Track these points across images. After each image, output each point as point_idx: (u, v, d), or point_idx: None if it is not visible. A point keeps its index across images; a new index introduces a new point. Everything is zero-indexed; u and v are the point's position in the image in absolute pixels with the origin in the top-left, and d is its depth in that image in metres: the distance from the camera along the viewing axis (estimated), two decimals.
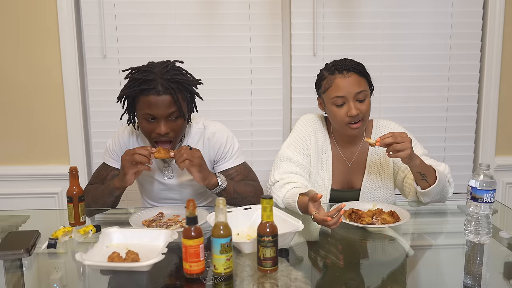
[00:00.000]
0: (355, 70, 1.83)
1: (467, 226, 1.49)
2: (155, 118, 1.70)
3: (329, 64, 1.91)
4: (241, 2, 2.59)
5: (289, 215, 1.54)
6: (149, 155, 1.65)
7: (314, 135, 1.97)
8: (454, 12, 2.66)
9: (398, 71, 2.70)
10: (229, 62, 2.65)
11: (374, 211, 1.67)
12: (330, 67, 1.88)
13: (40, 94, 2.61)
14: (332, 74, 1.85)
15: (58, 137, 2.65)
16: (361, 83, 1.84)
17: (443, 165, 1.88)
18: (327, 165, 1.96)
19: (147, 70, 1.71)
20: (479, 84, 2.75)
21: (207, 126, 1.92)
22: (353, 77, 1.82)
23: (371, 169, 1.95)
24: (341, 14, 2.63)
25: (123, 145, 1.90)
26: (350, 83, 1.81)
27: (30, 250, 1.40)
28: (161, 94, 1.66)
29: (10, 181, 2.66)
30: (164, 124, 1.70)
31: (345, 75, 1.82)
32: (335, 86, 1.82)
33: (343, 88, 1.81)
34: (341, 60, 1.89)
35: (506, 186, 2.82)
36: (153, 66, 1.73)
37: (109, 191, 1.77)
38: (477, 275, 1.34)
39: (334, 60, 1.91)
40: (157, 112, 1.68)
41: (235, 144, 1.93)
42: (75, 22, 2.55)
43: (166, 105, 1.68)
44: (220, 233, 1.23)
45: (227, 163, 1.90)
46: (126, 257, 1.30)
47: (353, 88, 1.81)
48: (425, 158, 1.86)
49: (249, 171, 1.95)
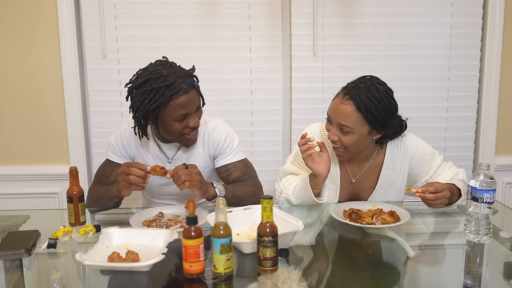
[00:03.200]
0: (355, 102, 1.68)
1: (467, 226, 1.49)
2: (188, 115, 1.73)
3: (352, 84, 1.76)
4: (241, 2, 2.59)
5: (289, 215, 1.54)
6: (144, 176, 1.61)
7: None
8: (454, 12, 2.66)
9: (398, 71, 2.70)
10: (229, 62, 2.65)
11: (374, 211, 1.67)
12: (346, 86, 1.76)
13: (40, 94, 2.61)
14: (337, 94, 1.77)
15: (58, 137, 2.65)
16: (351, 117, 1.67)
17: (461, 173, 1.87)
18: (335, 178, 1.88)
19: (159, 76, 1.66)
20: (479, 84, 2.75)
21: (208, 121, 1.93)
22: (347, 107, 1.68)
23: (383, 183, 1.87)
24: (341, 14, 2.63)
25: (125, 141, 1.91)
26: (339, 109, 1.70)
27: (30, 250, 1.40)
28: (188, 91, 1.69)
29: (10, 181, 2.66)
30: (194, 117, 1.75)
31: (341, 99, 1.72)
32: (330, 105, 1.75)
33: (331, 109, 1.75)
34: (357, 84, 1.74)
35: (506, 186, 2.82)
36: (159, 70, 1.68)
37: (109, 197, 1.76)
38: (477, 275, 1.34)
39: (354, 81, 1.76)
40: (190, 109, 1.72)
41: (234, 140, 1.93)
42: (75, 22, 2.55)
43: (195, 99, 1.73)
44: (220, 233, 1.23)
45: (226, 158, 1.91)
46: (126, 257, 1.30)
47: (339, 117, 1.70)
48: (443, 167, 1.87)
49: (247, 167, 1.95)
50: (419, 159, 1.85)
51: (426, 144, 1.89)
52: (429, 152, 1.87)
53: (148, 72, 1.69)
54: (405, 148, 1.85)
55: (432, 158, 1.87)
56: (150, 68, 1.71)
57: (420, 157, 1.85)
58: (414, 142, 1.87)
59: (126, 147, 1.91)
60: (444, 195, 1.66)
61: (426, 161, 1.86)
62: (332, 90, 1.86)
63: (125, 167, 1.62)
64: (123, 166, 1.63)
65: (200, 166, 1.89)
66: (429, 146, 1.89)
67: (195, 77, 1.79)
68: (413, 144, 1.86)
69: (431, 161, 1.86)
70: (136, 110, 1.71)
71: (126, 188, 1.63)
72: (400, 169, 1.86)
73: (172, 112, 1.69)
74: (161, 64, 1.74)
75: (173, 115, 1.69)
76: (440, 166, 1.87)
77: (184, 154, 1.90)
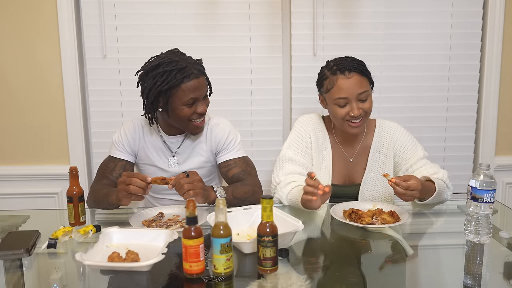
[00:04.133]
0: (357, 70, 1.84)
1: (467, 226, 1.49)
2: (196, 100, 1.80)
3: (331, 62, 1.92)
4: (241, 2, 2.59)
5: (289, 215, 1.54)
6: (145, 186, 1.61)
7: (313, 134, 1.99)
8: (454, 12, 2.66)
9: (398, 71, 2.70)
10: (229, 62, 2.65)
11: (374, 211, 1.67)
12: (331, 66, 1.89)
13: (40, 94, 2.61)
14: (334, 74, 1.85)
15: (58, 137, 2.65)
16: (363, 83, 1.85)
17: (442, 172, 1.89)
18: (327, 162, 1.98)
19: (172, 60, 1.76)
20: (479, 84, 2.75)
21: (211, 117, 1.99)
22: (355, 78, 1.83)
23: (372, 166, 1.98)
24: (341, 14, 2.63)
25: (129, 136, 1.94)
26: (352, 84, 1.83)
27: (30, 250, 1.40)
28: (199, 76, 1.78)
29: (10, 181, 2.66)
30: (202, 104, 1.82)
31: (347, 75, 1.83)
32: (337, 87, 1.84)
33: (345, 90, 1.83)
34: (342, 58, 1.90)
35: (506, 186, 2.82)
36: (171, 57, 1.78)
37: (108, 202, 1.75)
38: (477, 275, 1.34)
39: (335, 59, 1.92)
40: (199, 93, 1.79)
41: (237, 138, 1.97)
42: (75, 22, 2.55)
43: (204, 85, 1.81)
44: (220, 233, 1.23)
45: (228, 154, 1.93)
46: (126, 257, 1.30)
47: (356, 89, 1.83)
48: (425, 162, 1.92)
49: (247, 165, 1.96)
50: (402, 144, 1.97)
51: (411, 135, 2.01)
52: (412, 141, 1.99)
53: (161, 58, 1.79)
54: (390, 132, 1.99)
55: (415, 148, 1.96)
56: (162, 55, 1.81)
57: (403, 143, 1.97)
58: (398, 128, 2.00)
59: (130, 142, 1.94)
60: (413, 195, 1.66)
61: (408, 147, 1.96)
62: None
63: (126, 177, 1.61)
64: (124, 176, 1.62)
65: (202, 161, 1.91)
66: (414, 138, 2.00)
67: (203, 67, 1.87)
68: (397, 130, 2.00)
69: (414, 150, 1.95)
70: (148, 92, 1.79)
71: (126, 198, 1.63)
72: (387, 152, 1.97)
73: (183, 95, 1.76)
74: (172, 52, 1.84)
75: (183, 99, 1.76)
76: (423, 159, 1.93)
77: (188, 148, 1.92)
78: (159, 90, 1.75)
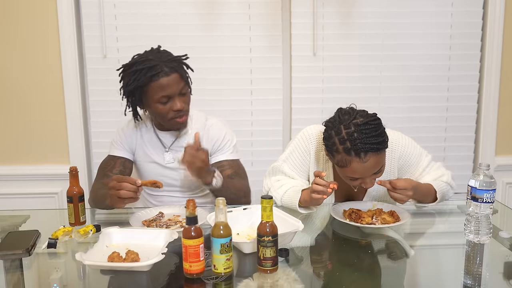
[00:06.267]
0: (373, 150, 1.56)
1: (467, 226, 1.49)
2: (170, 97, 1.79)
3: (344, 135, 1.58)
4: (241, 2, 2.59)
5: (289, 215, 1.54)
6: (136, 190, 1.61)
7: (314, 151, 1.83)
8: (454, 12, 2.66)
9: (398, 71, 2.70)
10: (229, 62, 2.65)
11: (374, 211, 1.67)
12: (344, 140, 1.57)
13: (40, 94, 2.61)
14: (348, 154, 1.58)
15: (58, 137, 2.65)
16: (379, 161, 1.61)
17: (446, 175, 1.83)
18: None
19: (145, 59, 1.77)
20: (479, 84, 2.75)
21: (209, 118, 1.99)
22: (372, 160, 1.57)
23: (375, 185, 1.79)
24: (341, 14, 2.63)
25: (127, 135, 1.95)
26: (368, 167, 1.59)
27: (30, 250, 1.40)
28: (169, 74, 1.77)
29: (10, 181, 2.66)
30: (179, 100, 1.81)
31: (362, 159, 1.56)
32: (350, 169, 1.60)
33: (360, 173, 1.61)
34: (357, 131, 1.56)
35: (506, 186, 2.82)
36: (147, 55, 1.80)
37: (105, 204, 1.76)
38: (477, 275, 1.34)
39: (348, 133, 1.57)
40: (171, 91, 1.78)
41: (233, 140, 1.97)
42: (75, 22, 2.55)
43: (176, 82, 1.79)
44: (220, 233, 1.23)
45: (222, 155, 1.93)
46: (126, 257, 1.30)
47: (371, 170, 1.61)
48: (429, 169, 1.84)
49: (239, 168, 1.96)
50: (406, 159, 1.81)
51: (414, 143, 1.84)
52: (416, 152, 1.83)
53: (136, 57, 1.82)
54: (393, 147, 1.78)
55: (419, 159, 1.82)
56: (141, 54, 1.83)
57: (407, 158, 1.81)
58: (401, 142, 1.81)
59: (128, 140, 1.95)
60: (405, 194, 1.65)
61: (413, 162, 1.82)
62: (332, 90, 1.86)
63: (116, 183, 1.61)
64: (114, 181, 1.62)
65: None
66: (417, 145, 1.85)
67: (185, 65, 1.86)
68: (401, 144, 1.81)
69: (418, 162, 1.82)
70: (124, 90, 1.83)
71: (118, 203, 1.63)
72: (390, 169, 1.81)
73: (153, 93, 1.77)
74: (150, 51, 1.84)
75: (154, 96, 1.77)
76: (427, 167, 1.83)
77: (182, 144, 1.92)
78: (130, 90, 1.79)
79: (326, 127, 1.66)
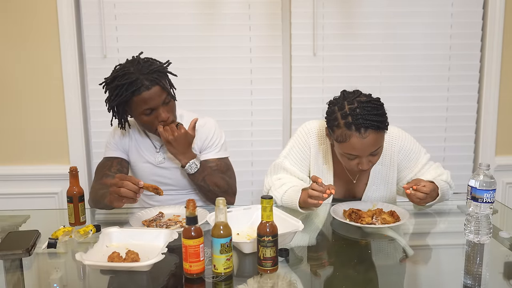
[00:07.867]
0: (373, 127, 1.60)
1: (467, 226, 1.49)
2: (153, 109, 1.81)
3: (346, 106, 1.64)
4: (241, 2, 2.59)
5: (289, 215, 1.54)
6: (137, 190, 1.60)
7: (314, 145, 1.86)
8: (454, 12, 2.66)
9: (398, 71, 2.70)
10: (229, 62, 2.65)
11: (374, 211, 1.67)
12: (346, 115, 1.62)
13: (40, 94, 2.61)
14: (348, 128, 1.61)
15: (58, 137, 2.65)
16: (377, 140, 1.64)
17: (445, 174, 1.86)
18: (327, 177, 1.87)
19: (125, 73, 1.77)
20: (479, 84, 2.75)
21: (200, 118, 1.99)
22: (371, 137, 1.61)
23: (375, 179, 1.88)
24: (341, 14, 2.63)
25: (121, 137, 1.98)
26: (367, 144, 1.62)
27: (30, 250, 1.40)
28: (150, 87, 1.77)
29: (10, 181, 2.66)
30: (163, 110, 1.82)
31: (362, 134, 1.60)
32: (349, 145, 1.63)
33: (358, 149, 1.64)
34: (359, 107, 1.62)
35: (506, 186, 2.82)
36: (127, 68, 1.79)
37: (104, 204, 1.76)
38: (477, 275, 1.34)
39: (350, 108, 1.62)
40: (153, 103, 1.79)
41: (221, 138, 1.99)
42: (75, 22, 2.55)
43: (158, 94, 1.79)
44: (220, 233, 1.23)
45: (210, 153, 1.95)
46: (126, 257, 1.30)
47: (369, 149, 1.64)
48: (428, 166, 1.87)
49: (227, 169, 1.97)
50: (406, 154, 1.85)
51: (413, 140, 1.88)
52: (415, 148, 1.86)
53: (117, 70, 1.81)
54: (391, 142, 1.83)
55: (418, 155, 1.86)
56: (121, 66, 1.84)
57: (406, 153, 1.84)
58: (401, 136, 1.85)
59: (122, 141, 1.97)
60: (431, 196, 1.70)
61: (412, 157, 1.85)
62: (332, 90, 1.85)
63: (118, 180, 1.61)
64: (116, 178, 1.62)
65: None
66: (416, 142, 1.88)
67: (166, 73, 1.86)
68: (400, 138, 1.84)
69: (417, 159, 1.86)
70: (109, 104, 1.84)
71: (117, 201, 1.63)
72: (390, 163, 1.85)
73: (136, 107, 1.79)
74: (131, 61, 1.84)
75: (138, 109, 1.80)
76: (426, 164, 1.86)
77: None
78: (114, 105, 1.81)
79: (330, 104, 1.73)
